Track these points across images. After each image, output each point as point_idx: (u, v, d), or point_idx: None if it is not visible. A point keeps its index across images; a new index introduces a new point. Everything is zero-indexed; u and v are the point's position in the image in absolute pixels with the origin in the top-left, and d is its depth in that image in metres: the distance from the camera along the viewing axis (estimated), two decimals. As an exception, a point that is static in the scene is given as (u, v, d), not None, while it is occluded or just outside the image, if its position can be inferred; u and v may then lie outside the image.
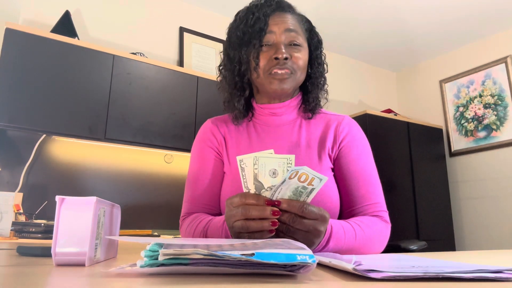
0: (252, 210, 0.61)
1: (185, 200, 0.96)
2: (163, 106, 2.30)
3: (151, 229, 2.28)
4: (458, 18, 3.09)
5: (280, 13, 0.89)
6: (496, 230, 3.11)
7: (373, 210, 0.87)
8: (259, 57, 0.86)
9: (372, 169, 0.91)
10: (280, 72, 0.85)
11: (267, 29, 0.86)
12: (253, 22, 0.86)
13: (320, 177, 0.58)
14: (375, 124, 3.02)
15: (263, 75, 0.87)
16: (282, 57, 0.84)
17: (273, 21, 0.87)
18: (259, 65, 0.86)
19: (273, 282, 0.38)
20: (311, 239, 0.64)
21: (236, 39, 0.89)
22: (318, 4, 2.92)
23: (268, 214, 0.60)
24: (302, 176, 0.58)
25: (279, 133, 0.94)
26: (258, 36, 0.86)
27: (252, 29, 0.86)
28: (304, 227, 0.62)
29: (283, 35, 0.86)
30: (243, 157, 0.62)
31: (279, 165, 0.61)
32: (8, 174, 2.02)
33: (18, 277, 0.41)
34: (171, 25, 2.81)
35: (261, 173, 0.61)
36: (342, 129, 0.93)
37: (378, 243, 0.83)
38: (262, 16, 0.86)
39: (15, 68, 1.89)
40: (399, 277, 0.40)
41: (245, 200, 0.62)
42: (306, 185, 0.59)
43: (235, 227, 0.63)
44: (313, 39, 0.95)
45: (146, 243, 0.42)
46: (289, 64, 0.86)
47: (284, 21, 0.88)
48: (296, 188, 0.60)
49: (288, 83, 0.87)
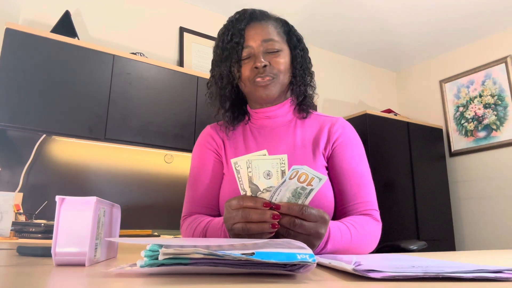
0: (252, 213, 0.61)
1: (186, 200, 0.98)
2: (163, 106, 2.30)
3: (151, 229, 2.28)
4: (458, 18, 3.09)
5: (254, 23, 0.93)
6: (496, 230, 3.11)
7: (364, 208, 0.88)
8: (240, 69, 0.91)
9: (364, 169, 0.93)
10: (262, 80, 0.89)
11: (244, 44, 0.91)
12: (230, 38, 0.92)
13: (320, 176, 0.58)
14: (375, 124, 3.02)
15: (249, 84, 0.91)
16: (261, 66, 0.88)
17: (248, 34, 0.91)
18: (242, 77, 0.91)
19: (273, 282, 0.38)
20: (311, 242, 0.64)
21: (216, 57, 0.96)
22: (318, 4, 2.92)
23: (268, 217, 0.60)
24: (302, 176, 0.58)
25: (274, 135, 0.96)
26: (235, 51, 0.90)
27: (230, 44, 0.91)
28: (305, 230, 0.62)
29: (261, 47, 0.90)
30: (237, 160, 0.63)
31: (273, 166, 0.61)
32: (8, 174, 2.02)
33: (18, 277, 0.41)
34: (171, 25, 2.81)
35: (255, 175, 0.62)
36: (336, 129, 0.95)
37: (370, 243, 0.85)
38: (237, 31, 0.91)
39: (15, 68, 1.89)
40: (399, 277, 0.40)
41: (243, 202, 0.62)
42: (305, 185, 0.59)
43: (235, 229, 0.64)
44: (291, 39, 0.98)
45: (145, 244, 0.43)
46: (269, 71, 0.89)
47: (259, 33, 0.91)
48: (295, 190, 0.60)
49: (273, 89, 0.91)
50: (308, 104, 0.97)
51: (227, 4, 2.93)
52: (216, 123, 1.06)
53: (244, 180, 0.63)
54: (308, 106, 0.98)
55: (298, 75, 0.95)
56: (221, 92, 0.95)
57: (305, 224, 0.61)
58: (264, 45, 0.90)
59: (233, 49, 0.90)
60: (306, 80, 0.97)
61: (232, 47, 0.91)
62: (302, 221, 0.61)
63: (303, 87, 0.96)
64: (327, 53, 3.63)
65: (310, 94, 0.98)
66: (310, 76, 0.98)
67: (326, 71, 3.53)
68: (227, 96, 0.95)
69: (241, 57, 0.91)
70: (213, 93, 0.98)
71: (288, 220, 0.61)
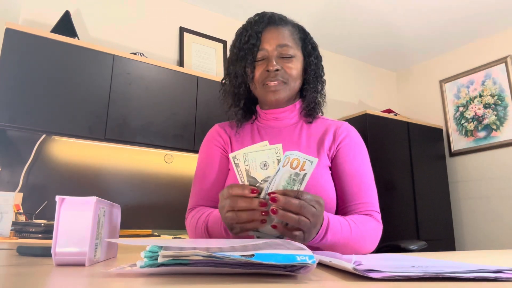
0: (240, 201, 0.63)
1: (192, 195, 1.00)
2: (163, 106, 2.30)
3: (151, 229, 2.28)
4: (458, 18, 3.09)
5: (272, 27, 0.95)
6: (496, 230, 3.11)
7: (365, 209, 0.89)
8: (254, 71, 0.94)
9: (367, 171, 0.95)
10: (272, 84, 0.92)
11: (260, 46, 0.93)
12: (247, 38, 0.94)
13: (311, 159, 0.60)
14: (375, 124, 3.02)
15: (259, 87, 0.95)
16: (273, 69, 0.91)
17: (265, 37, 0.94)
18: (254, 78, 0.94)
19: (273, 282, 0.38)
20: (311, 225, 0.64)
21: (233, 56, 0.98)
22: (318, 5, 2.92)
23: (256, 205, 0.62)
24: (294, 162, 0.60)
25: (280, 135, 0.99)
26: (251, 52, 0.93)
27: (246, 45, 0.94)
28: (302, 212, 0.61)
29: (275, 51, 0.93)
30: (235, 154, 0.64)
31: (269, 156, 0.63)
32: (8, 174, 2.02)
33: (18, 277, 0.41)
34: (171, 25, 2.81)
35: (252, 168, 0.63)
36: (341, 132, 0.98)
37: (370, 241, 0.85)
38: (254, 33, 0.94)
39: (15, 68, 1.89)
40: (399, 277, 0.40)
41: (232, 191, 0.64)
42: (299, 171, 0.61)
43: (227, 218, 0.65)
44: (306, 47, 1.00)
45: (145, 246, 0.43)
46: (280, 76, 0.92)
47: (275, 37, 0.94)
48: (289, 177, 0.62)
49: (282, 94, 0.94)
50: (317, 110, 1.01)
51: (227, 4, 2.93)
52: (223, 122, 1.08)
53: (243, 174, 0.64)
54: (317, 112, 1.01)
55: (311, 82, 0.98)
56: (235, 90, 0.98)
57: (302, 204, 0.61)
58: (278, 49, 0.93)
59: (249, 50, 0.93)
60: (317, 88, 1.00)
61: (248, 48, 0.93)
62: (299, 201, 0.61)
63: (314, 94, 0.99)
64: (327, 53, 3.63)
65: (319, 102, 1.01)
66: (322, 85, 1.02)
67: (326, 71, 3.49)
68: (241, 94, 0.98)
69: (256, 58, 0.94)
70: (227, 90, 1.01)
71: (283, 200, 0.60)
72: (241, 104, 1.00)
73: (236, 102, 1.00)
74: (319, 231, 0.70)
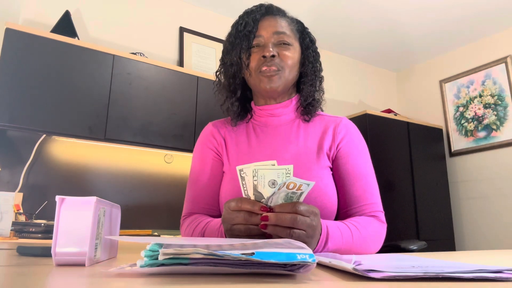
0: (254, 217, 0.63)
1: (186, 200, 0.98)
2: (163, 106, 2.30)
3: (151, 229, 2.28)
4: (458, 18, 3.09)
5: (269, 17, 0.94)
6: (496, 230, 3.11)
7: (370, 210, 0.88)
8: (249, 58, 0.91)
9: (369, 170, 0.93)
10: (268, 69, 0.88)
11: (257, 33, 0.91)
12: (243, 26, 0.92)
13: (307, 183, 0.60)
14: (375, 124, 3.02)
15: (254, 74, 0.91)
16: (269, 55, 0.88)
17: (262, 25, 0.92)
18: (250, 65, 0.91)
19: (273, 282, 0.38)
20: (309, 237, 0.65)
21: (228, 45, 0.95)
22: (318, 4, 2.92)
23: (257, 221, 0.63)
24: (290, 185, 0.60)
25: (277, 133, 0.95)
26: (247, 38, 0.91)
27: (242, 33, 0.91)
28: (299, 225, 0.62)
29: (272, 38, 0.91)
30: (243, 167, 0.65)
31: (279, 175, 0.63)
32: (8, 174, 2.02)
33: (18, 277, 0.41)
34: (171, 25, 2.81)
35: (260, 184, 0.64)
36: (340, 130, 0.95)
37: (373, 243, 0.84)
38: (251, 21, 0.92)
39: (15, 68, 1.89)
40: (399, 277, 0.40)
41: (241, 205, 0.64)
42: (296, 190, 0.62)
43: (235, 230, 0.65)
44: (304, 39, 0.98)
45: (146, 243, 0.43)
46: (276, 62, 0.89)
47: (272, 25, 0.92)
48: (286, 195, 0.62)
49: (276, 81, 0.90)
50: (315, 108, 0.97)
51: (227, 4, 2.93)
52: (218, 120, 1.05)
53: (249, 187, 0.65)
54: (315, 109, 0.97)
55: (309, 75, 0.96)
56: (230, 80, 0.95)
57: (294, 218, 0.61)
58: (275, 36, 0.91)
59: (245, 36, 0.91)
60: (315, 82, 0.96)
61: (245, 35, 0.91)
62: (291, 215, 0.61)
63: (312, 88, 0.96)
64: (327, 53, 3.63)
65: (317, 99, 0.97)
66: (319, 81, 0.98)
67: (326, 71, 3.49)
68: (236, 84, 0.95)
69: (251, 45, 0.91)
70: (221, 81, 0.98)
71: (274, 218, 0.61)
72: (238, 94, 0.95)
73: (232, 93, 0.96)
74: (319, 241, 0.70)
